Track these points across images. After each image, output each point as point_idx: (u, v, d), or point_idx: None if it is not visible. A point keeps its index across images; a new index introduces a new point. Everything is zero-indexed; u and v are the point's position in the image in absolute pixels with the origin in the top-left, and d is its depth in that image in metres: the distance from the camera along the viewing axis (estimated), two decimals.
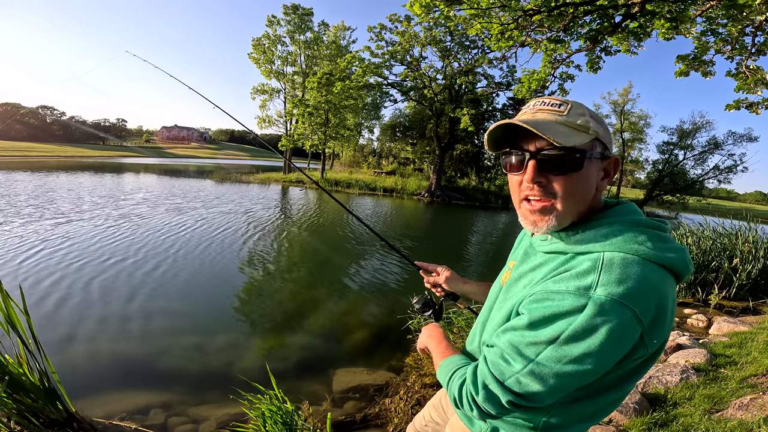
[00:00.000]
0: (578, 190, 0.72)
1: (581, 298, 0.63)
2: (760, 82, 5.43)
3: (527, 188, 0.74)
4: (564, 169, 0.71)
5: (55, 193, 11.91)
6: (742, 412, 2.11)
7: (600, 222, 0.73)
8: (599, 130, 0.73)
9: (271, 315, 4.59)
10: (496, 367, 0.72)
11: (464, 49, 20.79)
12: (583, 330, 0.62)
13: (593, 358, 0.63)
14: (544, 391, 0.67)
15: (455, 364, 0.87)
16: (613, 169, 0.77)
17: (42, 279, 4.81)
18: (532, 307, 0.69)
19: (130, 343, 3.58)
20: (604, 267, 0.65)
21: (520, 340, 0.69)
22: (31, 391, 2.04)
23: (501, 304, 0.84)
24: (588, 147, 0.71)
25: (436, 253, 8.82)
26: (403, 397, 2.85)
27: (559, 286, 0.67)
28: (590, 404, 0.77)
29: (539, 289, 0.70)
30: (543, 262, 0.78)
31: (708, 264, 5.26)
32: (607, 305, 0.61)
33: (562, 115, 0.72)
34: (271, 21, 26.62)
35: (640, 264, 0.65)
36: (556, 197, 0.72)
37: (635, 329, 0.63)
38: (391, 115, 41.26)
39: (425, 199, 21.59)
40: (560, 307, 0.64)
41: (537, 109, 0.75)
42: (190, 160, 53.06)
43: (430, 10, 5.91)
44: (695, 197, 26.13)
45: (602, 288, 0.62)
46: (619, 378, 0.73)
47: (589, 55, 6.63)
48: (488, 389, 0.72)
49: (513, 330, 0.71)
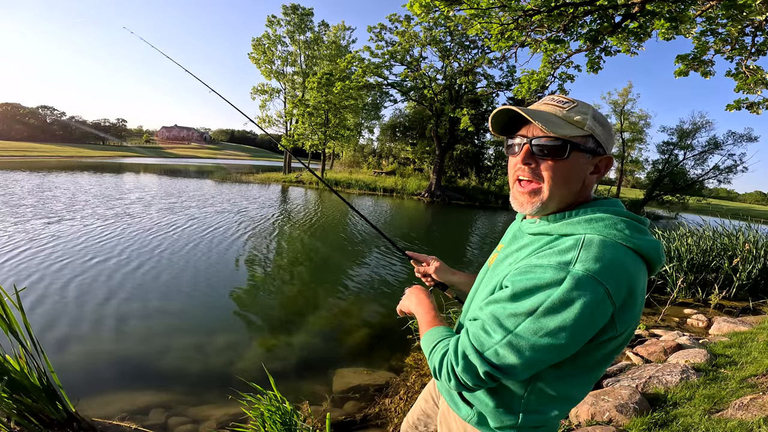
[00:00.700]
0: (563, 176, 0.77)
1: (561, 272, 0.67)
2: (760, 82, 5.43)
3: (519, 169, 0.81)
4: (550, 154, 0.76)
5: (50, 193, 11.92)
6: (742, 412, 2.11)
7: (586, 210, 0.78)
8: (596, 129, 0.77)
9: (271, 315, 4.59)
10: (477, 338, 0.75)
11: (464, 49, 20.79)
12: (560, 302, 0.66)
13: (567, 332, 0.66)
14: (520, 364, 0.70)
15: (440, 335, 0.89)
16: (605, 167, 0.81)
17: (26, 278, 4.81)
18: (515, 279, 0.73)
19: (130, 343, 3.57)
20: (584, 246, 0.69)
21: (501, 312, 0.72)
22: (30, 391, 2.04)
23: (487, 282, 0.88)
24: (579, 141, 0.76)
25: (436, 253, 8.79)
26: (403, 397, 2.85)
27: (542, 260, 0.72)
28: (565, 386, 0.80)
29: (523, 263, 0.75)
30: (529, 243, 0.83)
31: (708, 264, 5.25)
32: (583, 279, 0.65)
33: (562, 110, 0.77)
34: (271, 21, 26.63)
35: (616, 247, 0.70)
36: (542, 180, 0.78)
37: (607, 307, 0.66)
38: (391, 115, 41.34)
39: (425, 199, 21.59)
40: (541, 279, 0.68)
41: (543, 102, 0.81)
42: (190, 160, 53.08)
43: (430, 10, 5.91)
44: (695, 197, 26.10)
45: (580, 264, 0.67)
46: (592, 363, 0.77)
47: (589, 55, 6.64)
48: (467, 359, 0.75)
49: (495, 302, 0.75)
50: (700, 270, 5.21)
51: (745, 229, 6.08)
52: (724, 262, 5.17)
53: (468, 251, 9.51)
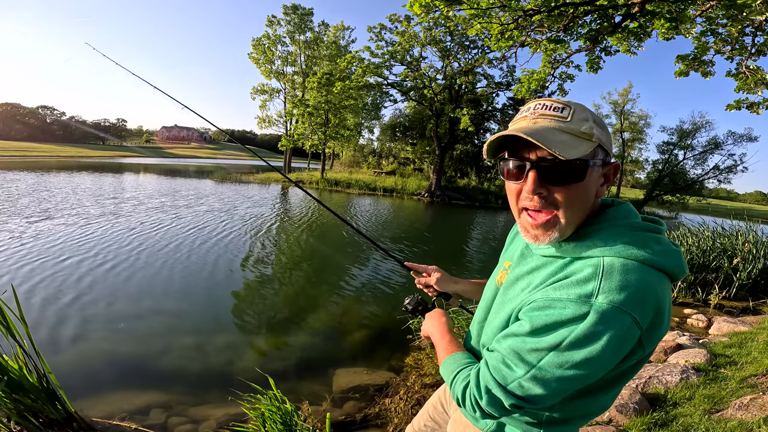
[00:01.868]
0: (580, 199, 0.70)
1: (583, 306, 0.63)
2: (760, 82, 5.43)
3: (527, 198, 0.72)
4: (566, 180, 0.68)
5: (45, 192, 11.91)
6: (742, 412, 2.11)
7: (601, 226, 0.72)
8: (602, 137, 0.71)
9: (271, 315, 4.59)
10: (498, 371, 0.73)
11: (464, 49, 20.79)
12: (584, 337, 0.63)
13: (594, 362, 0.64)
14: (546, 394, 0.68)
15: (458, 363, 0.87)
16: (613, 174, 0.75)
17: (24, 277, 4.81)
18: (533, 315, 0.69)
19: (130, 343, 3.57)
20: (605, 274, 0.64)
21: (521, 346, 0.69)
22: (30, 391, 2.04)
23: (499, 307, 0.85)
24: (590, 155, 0.69)
25: (436, 254, 8.81)
26: (403, 397, 2.85)
27: (560, 293, 0.67)
28: (590, 400, 0.79)
29: (539, 296, 0.70)
30: (540, 265, 0.78)
31: (708, 264, 5.26)
32: (608, 313, 0.62)
33: (564, 122, 0.69)
34: (271, 21, 26.63)
35: (639, 270, 0.65)
36: (558, 208, 0.70)
37: (634, 333, 0.63)
38: (391, 115, 41.24)
39: (425, 199, 21.59)
40: (562, 315, 0.65)
41: (538, 114, 0.71)
42: (190, 160, 53.07)
43: (430, 10, 5.91)
44: (695, 197, 26.13)
45: (603, 296, 0.63)
46: (617, 375, 0.75)
47: (589, 55, 6.64)
48: (491, 393, 0.73)
49: (514, 336, 0.72)
50: (700, 270, 5.21)
51: (745, 229, 6.08)
52: (724, 262, 5.17)
53: (468, 252, 9.51)
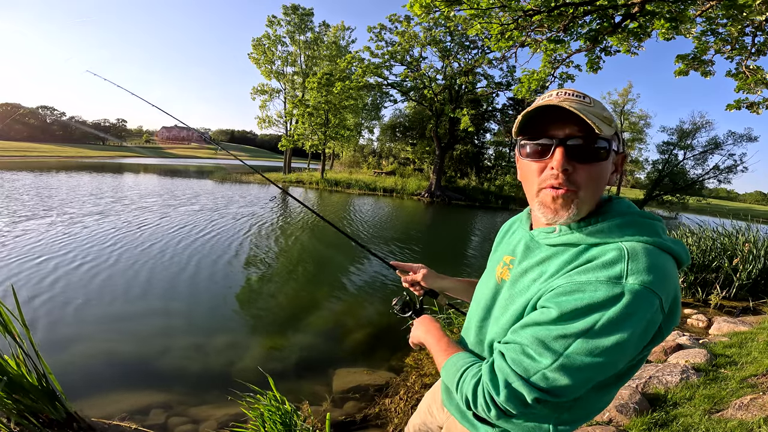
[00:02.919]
0: (598, 180, 0.72)
1: (615, 287, 0.63)
2: (760, 82, 5.43)
3: (551, 176, 0.72)
4: (592, 158, 0.71)
5: (47, 191, 11.92)
6: (742, 412, 2.11)
7: (611, 215, 0.74)
8: (618, 125, 0.76)
9: (271, 315, 4.59)
10: (519, 363, 0.69)
11: (464, 49, 20.79)
12: (618, 318, 0.62)
13: (623, 347, 0.63)
14: (572, 385, 0.66)
15: (463, 362, 0.83)
16: (621, 165, 0.79)
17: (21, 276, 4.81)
18: (560, 300, 0.67)
19: (130, 344, 3.57)
20: (631, 257, 0.65)
21: (546, 335, 0.67)
22: (29, 391, 2.04)
23: (507, 302, 0.81)
24: (614, 139, 0.73)
25: (436, 254, 8.82)
26: (403, 397, 2.85)
27: (588, 276, 0.66)
28: (600, 396, 0.78)
29: (564, 282, 0.68)
30: (551, 255, 0.77)
31: (708, 264, 5.25)
32: (641, 293, 0.62)
33: (589, 106, 0.71)
34: (271, 21, 26.63)
35: (659, 254, 0.67)
36: (578, 186, 0.72)
37: (658, 317, 0.65)
38: (391, 115, 41.23)
39: (425, 200, 21.58)
40: (594, 298, 0.64)
41: (563, 98, 0.72)
42: (190, 161, 53.06)
43: (430, 10, 5.91)
44: (695, 197, 26.10)
45: (633, 276, 0.63)
46: (628, 368, 0.74)
47: (589, 55, 6.64)
48: (511, 387, 0.69)
49: (536, 325, 0.69)
50: (700, 270, 5.20)
51: (745, 229, 6.08)
52: (724, 262, 5.16)
53: (468, 252, 9.51)
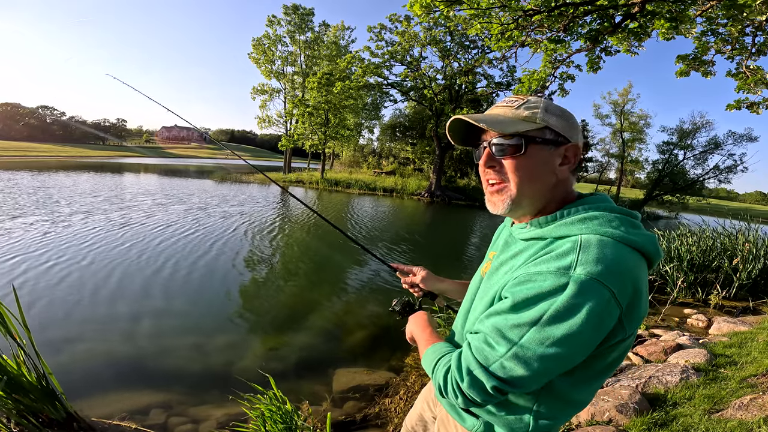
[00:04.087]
0: (526, 171, 0.78)
1: (562, 278, 0.65)
2: (760, 82, 5.43)
3: (485, 173, 0.83)
4: (508, 152, 0.78)
5: (52, 190, 11.92)
6: (742, 412, 2.11)
7: (577, 209, 0.76)
8: (550, 120, 0.77)
9: (271, 315, 4.59)
10: (480, 352, 0.72)
11: (464, 49, 20.78)
12: (565, 309, 0.64)
13: (575, 338, 0.64)
14: (528, 375, 0.68)
15: (440, 351, 0.87)
16: (573, 155, 0.80)
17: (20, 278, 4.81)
18: (515, 290, 0.70)
19: (130, 343, 3.57)
20: (582, 248, 0.67)
21: (503, 323, 0.70)
22: (29, 391, 2.04)
23: (483, 293, 0.85)
24: (535, 134, 0.77)
25: (436, 254, 8.82)
26: (403, 397, 2.85)
27: (540, 267, 0.69)
28: (577, 391, 0.79)
29: (521, 272, 0.72)
30: (523, 249, 0.81)
31: (708, 264, 5.25)
32: (586, 284, 0.63)
33: (511, 110, 0.79)
34: (271, 21, 26.63)
35: (615, 246, 0.68)
36: (507, 179, 0.79)
37: (614, 310, 0.65)
38: (391, 115, 41.23)
39: (425, 199, 21.58)
40: (542, 288, 0.66)
41: (495, 106, 0.83)
42: (190, 161, 53.05)
43: (430, 10, 5.91)
44: (695, 197, 26.09)
45: (581, 267, 0.65)
46: (604, 366, 0.76)
47: (589, 55, 6.64)
48: (473, 375, 0.72)
49: (496, 314, 0.72)
50: (700, 270, 5.20)
51: (745, 229, 6.08)
52: (724, 262, 5.16)
53: (468, 252, 9.50)
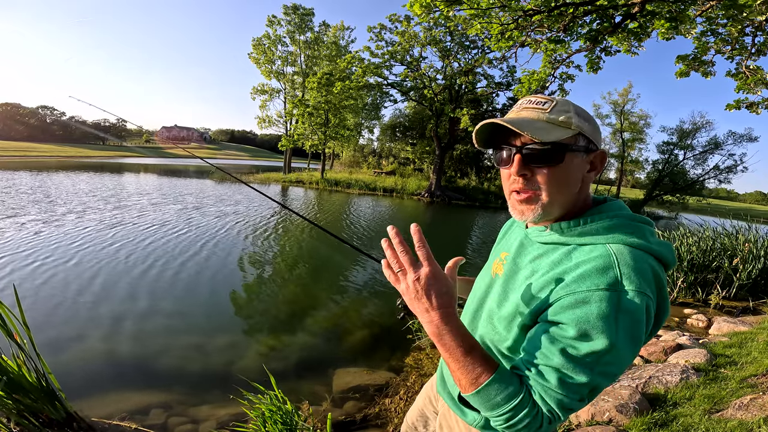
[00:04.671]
0: (561, 180, 0.76)
1: (614, 295, 0.65)
2: (760, 82, 5.43)
3: (514, 181, 0.78)
4: (546, 161, 0.74)
5: (54, 189, 11.93)
6: (742, 412, 2.11)
7: (600, 216, 0.76)
8: (583, 126, 0.75)
9: (271, 315, 4.59)
10: (563, 385, 0.67)
11: (464, 49, 20.78)
12: (631, 326, 0.65)
13: (636, 349, 0.67)
14: (604, 386, 0.69)
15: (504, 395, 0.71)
16: (600, 163, 0.79)
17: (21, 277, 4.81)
18: (571, 315, 0.66)
19: (130, 343, 3.57)
20: (620, 261, 0.68)
21: (575, 353, 0.66)
22: (29, 391, 2.04)
23: (502, 297, 0.84)
24: (570, 141, 0.75)
25: (436, 254, 8.78)
26: (403, 397, 2.85)
27: (588, 284, 0.67)
28: None
29: (564, 293, 0.68)
30: (543, 253, 0.80)
31: (708, 264, 5.25)
32: (638, 297, 0.65)
33: (544, 113, 0.75)
34: (271, 21, 26.61)
35: (644, 256, 0.69)
36: (540, 188, 0.76)
37: (650, 319, 0.67)
38: (391, 115, 41.20)
39: (425, 199, 21.57)
40: (601, 309, 0.64)
41: (522, 107, 0.78)
42: (190, 161, 53.02)
43: (430, 10, 5.91)
44: (695, 197, 26.11)
45: (627, 281, 0.66)
46: None
47: (589, 55, 6.63)
48: (564, 409, 0.68)
49: (561, 343, 0.67)
50: (700, 270, 5.20)
51: (745, 229, 6.08)
52: (724, 262, 5.16)
53: (469, 252, 9.50)
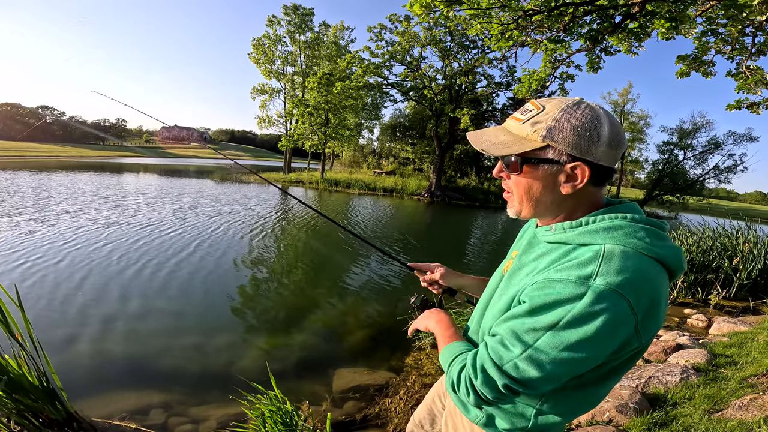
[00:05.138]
0: (523, 188, 0.81)
1: (581, 287, 0.66)
2: (760, 82, 5.43)
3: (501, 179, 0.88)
4: (508, 170, 0.82)
5: (57, 189, 11.93)
6: (742, 412, 2.11)
7: (602, 217, 0.76)
8: (557, 138, 0.73)
9: (271, 315, 4.59)
10: (495, 352, 0.74)
11: (464, 49, 20.78)
12: (581, 316, 0.65)
13: (589, 345, 0.66)
14: (540, 377, 0.69)
15: (458, 349, 0.90)
16: (581, 174, 0.74)
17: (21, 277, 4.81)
18: (533, 294, 0.71)
19: (130, 344, 3.57)
20: (605, 258, 0.68)
21: (520, 327, 0.71)
22: (30, 390, 2.04)
23: (502, 291, 0.87)
24: (532, 154, 0.77)
25: (437, 254, 8.81)
26: (403, 397, 2.85)
27: (561, 275, 0.70)
28: (582, 394, 0.80)
29: (542, 278, 0.73)
30: (546, 252, 0.82)
31: (708, 264, 5.25)
32: (604, 294, 0.64)
33: (519, 123, 0.79)
34: (271, 21, 26.63)
35: (637, 257, 0.69)
36: (512, 191, 0.84)
37: (629, 319, 0.66)
38: (391, 115, 41.14)
39: (425, 199, 21.58)
40: (561, 295, 0.67)
41: (511, 116, 0.83)
42: (190, 161, 53.03)
43: (430, 10, 5.91)
44: (695, 197, 26.12)
45: (601, 277, 0.66)
46: (611, 370, 0.76)
47: (589, 55, 6.64)
48: (486, 373, 0.75)
49: (513, 317, 0.74)
50: (700, 270, 5.20)
51: (745, 229, 6.08)
52: (724, 262, 5.16)
53: (469, 252, 9.51)
